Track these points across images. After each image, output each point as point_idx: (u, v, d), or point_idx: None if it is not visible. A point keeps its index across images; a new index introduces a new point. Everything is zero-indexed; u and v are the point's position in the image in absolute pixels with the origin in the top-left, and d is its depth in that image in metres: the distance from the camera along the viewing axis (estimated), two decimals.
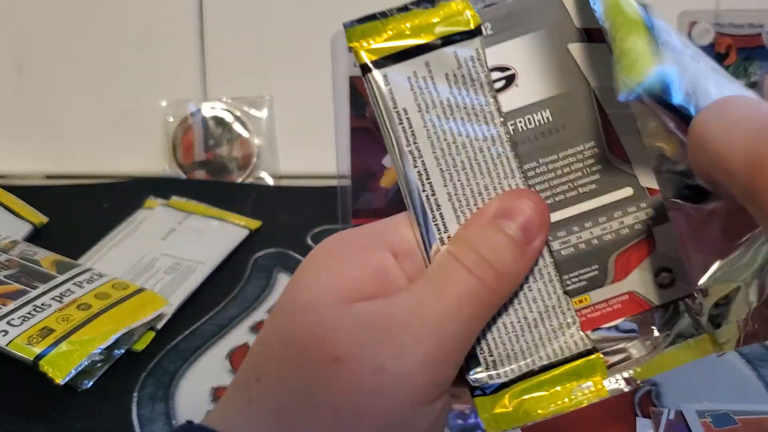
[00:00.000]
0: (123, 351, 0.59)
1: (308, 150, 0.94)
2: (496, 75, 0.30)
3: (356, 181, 0.74)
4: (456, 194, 0.30)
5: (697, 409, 0.52)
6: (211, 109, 0.93)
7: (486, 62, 0.30)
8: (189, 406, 0.55)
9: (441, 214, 0.30)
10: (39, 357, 0.54)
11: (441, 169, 0.30)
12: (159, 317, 0.62)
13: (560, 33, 0.29)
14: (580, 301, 0.30)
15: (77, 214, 0.82)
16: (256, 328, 0.64)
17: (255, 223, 0.79)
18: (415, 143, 0.30)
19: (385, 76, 0.31)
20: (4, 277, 0.63)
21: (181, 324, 0.64)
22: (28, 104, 0.94)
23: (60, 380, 0.53)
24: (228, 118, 0.93)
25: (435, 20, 0.30)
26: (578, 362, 0.30)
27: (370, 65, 0.32)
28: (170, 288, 0.66)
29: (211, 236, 0.75)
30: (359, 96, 0.73)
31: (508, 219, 0.28)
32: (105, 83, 0.93)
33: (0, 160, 0.95)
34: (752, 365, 0.58)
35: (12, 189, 0.83)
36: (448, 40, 0.30)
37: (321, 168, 0.90)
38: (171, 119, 0.93)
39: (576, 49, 0.29)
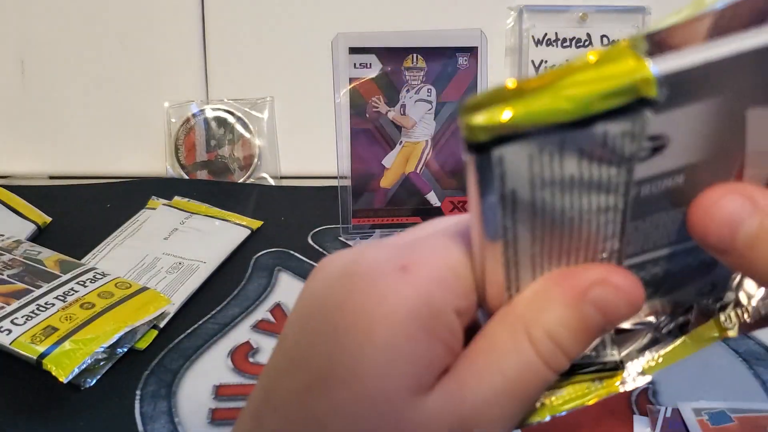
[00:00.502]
0: (126, 349, 0.60)
1: (309, 150, 0.94)
2: (645, 144, 0.22)
3: (356, 181, 0.75)
4: (541, 252, 0.24)
5: (694, 407, 0.52)
6: (213, 110, 0.93)
7: (644, 137, 0.22)
8: (191, 403, 0.56)
9: (517, 263, 0.25)
10: (42, 355, 0.54)
11: (534, 235, 0.24)
12: (161, 316, 0.62)
13: (742, 96, 0.22)
14: None
15: (80, 214, 0.82)
16: (257, 326, 0.65)
17: (256, 223, 0.79)
18: (513, 218, 0.23)
19: (500, 158, 0.21)
20: (8, 276, 0.63)
21: (183, 323, 0.64)
22: (32, 105, 0.94)
23: (63, 378, 0.53)
24: (230, 119, 0.93)
25: (591, 84, 0.21)
26: (604, 372, 0.29)
27: (482, 144, 0.21)
28: (172, 287, 0.67)
29: (213, 236, 0.76)
30: (359, 97, 0.73)
31: (599, 310, 0.24)
32: (108, 84, 0.94)
33: (4, 160, 0.95)
34: (748, 363, 0.58)
35: (15, 189, 0.83)
36: (601, 115, 0.21)
37: (321, 168, 0.90)
38: (173, 120, 0.93)
39: (755, 114, 0.23)
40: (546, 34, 0.90)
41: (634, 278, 0.25)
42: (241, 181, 0.93)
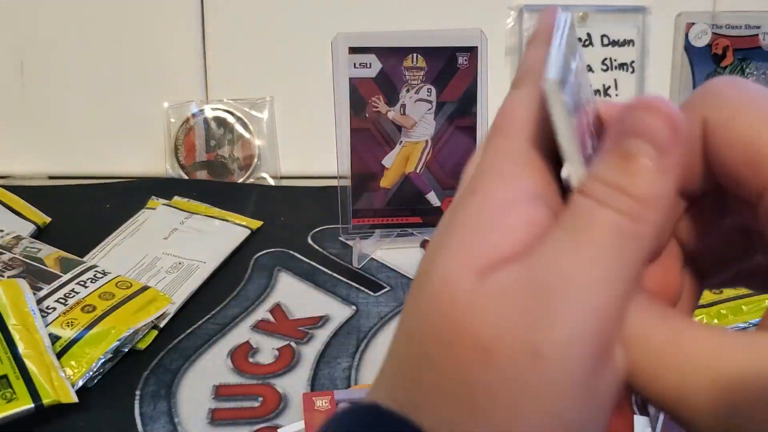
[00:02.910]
0: (126, 350, 0.60)
1: (309, 150, 0.94)
2: None
3: (356, 181, 0.75)
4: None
5: None
6: (212, 111, 0.93)
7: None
8: (191, 404, 0.56)
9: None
10: None
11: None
12: (162, 316, 0.62)
13: None
14: None
15: (80, 214, 0.82)
16: (257, 326, 0.65)
17: (256, 223, 0.79)
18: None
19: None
20: (8, 278, 0.63)
21: (183, 323, 0.64)
22: (31, 105, 0.94)
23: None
24: (229, 119, 0.93)
25: None
26: None
27: None
28: (172, 287, 0.67)
29: (213, 236, 0.76)
30: (359, 97, 0.73)
31: (633, 137, 0.24)
32: (107, 85, 0.94)
33: (3, 160, 0.95)
34: None
35: (15, 189, 0.83)
36: None
37: (321, 168, 0.90)
38: (173, 120, 0.93)
39: None
40: None
41: (659, 98, 0.24)
42: (240, 181, 0.93)
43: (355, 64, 0.72)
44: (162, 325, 0.63)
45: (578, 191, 0.24)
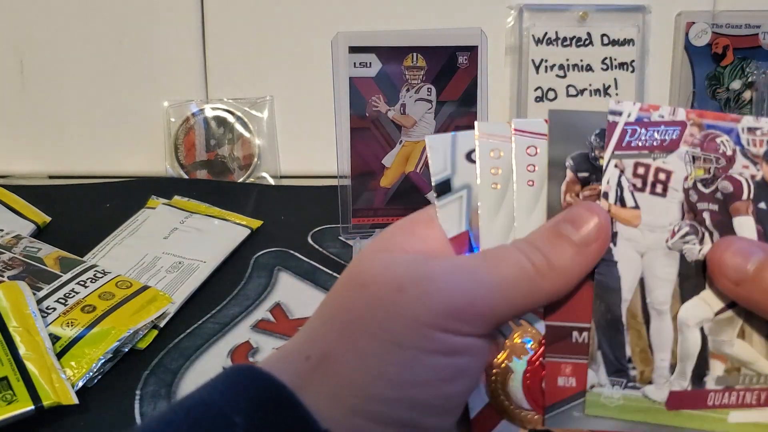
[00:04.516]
0: (126, 350, 0.59)
1: (309, 150, 0.94)
2: None
3: (356, 180, 0.75)
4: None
5: None
6: (212, 110, 0.93)
7: None
8: None
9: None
10: None
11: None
12: (162, 315, 0.62)
13: None
14: None
15: (80, 213, 0.82)
16: (257, 326, 0.65)
17: (256, 223, 0.79)
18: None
19: None
20: (9, 278, 0.63)
21: (183, 322, 0.64)
22: (31, 105, 0.94)
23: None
24: (229, 118, 0.93)
25: None
26: None
27: None
28: (172, 286, 0.67)
29: (213, 235, 0.76)
30: (359, 96, 0.73)
31: (568, 222, 0.30)
32: (107, 84, 0.94)
33: (3, 160, 0.95)
34: None
35: (15, 189, 0.83)
36: None
37: (321, 168, 0.90)
38: (173, 120, 0.93)
39: None
40: (546, 33, 0.90)
41: (595, 204, 0.30)
42: (240, 180, 0.93)
43: (355, 63, 0.72)
44: (162, 324, 0.63)
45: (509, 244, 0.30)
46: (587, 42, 0.91)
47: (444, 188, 0.31)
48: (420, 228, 0.31)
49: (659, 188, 0.30)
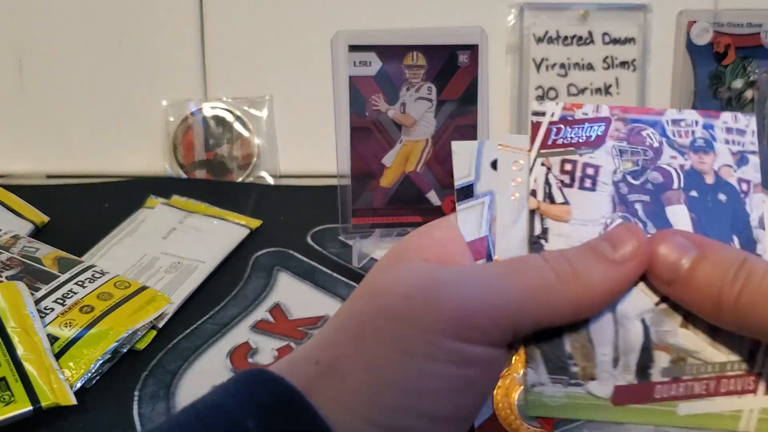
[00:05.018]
0: (125, 350, 0.59)
1: (308, 149, 0.94)
2: None
3: (356, 180, 0.74)
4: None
5: None
6: (211, 109, 0.93)
7: None
8: None
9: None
10: None
11: None
12: (160, 316, 0.62)
13: None
14: None
15: (78, 213, 0.82)
16: (256, 326, 0.64)
17: (255, 222, 0.79)
18: None
19: None
20: (7, 278, 0.63)
21: (182, 323, 0.64)
22: (29, 104, 0.94)
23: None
24: (228, 117, 0.93)
25: None
26: None
27: None
28: (171, 287, 0.66)
29: (212, 235, 0.75)
30: (359, 95, 0.73)
31: (606, 241, 0.29)
32: (106, 83, 0.93)
33: (1, 159, 0.95)
34: None
35: (13, 188, 0.83)
36: None
37: (321, 167, 0.90)
38: (172, 119, 0.93)
39: None
40: (547, 32, 0.90)
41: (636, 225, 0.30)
42: (239, 180, 0.93)
43: (354, 62, 0.72)
44: (161, 325, 0.62)
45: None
46: (588, 41, 0.90)
47: (466, 193, 0.31)
48: (439, 232, 0.31)
49: (588, 183, 0.31)
